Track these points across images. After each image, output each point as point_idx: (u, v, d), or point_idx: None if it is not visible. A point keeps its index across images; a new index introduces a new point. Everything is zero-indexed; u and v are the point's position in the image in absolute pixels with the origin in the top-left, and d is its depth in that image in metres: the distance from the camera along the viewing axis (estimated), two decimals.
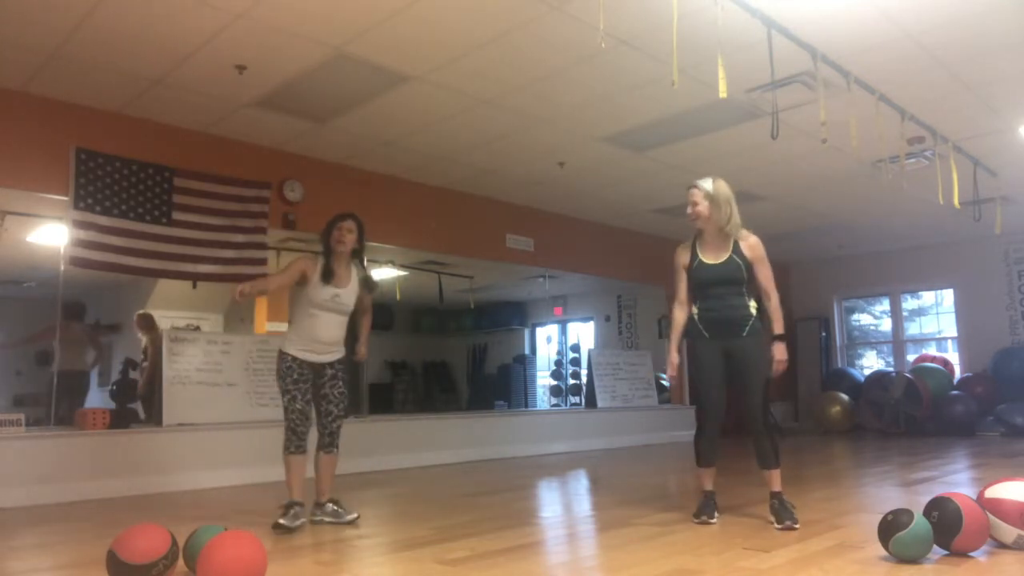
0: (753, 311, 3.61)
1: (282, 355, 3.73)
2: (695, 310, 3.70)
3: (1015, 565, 2.65)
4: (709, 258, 3.66)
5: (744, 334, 3.58)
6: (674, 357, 3.74)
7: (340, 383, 3.83)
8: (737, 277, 3.61)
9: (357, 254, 3.90)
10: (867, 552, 2.84)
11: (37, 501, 4.60)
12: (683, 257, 3.75)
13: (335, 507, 3.73)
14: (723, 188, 3.64)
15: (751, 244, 3.65)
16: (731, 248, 3.64)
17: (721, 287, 3.63)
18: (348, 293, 3.81)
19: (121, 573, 2.44)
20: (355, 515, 3.70)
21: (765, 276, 3.65)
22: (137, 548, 2.45)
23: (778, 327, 3.60)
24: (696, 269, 3.68)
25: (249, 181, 5.92)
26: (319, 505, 3.75)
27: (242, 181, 5.88)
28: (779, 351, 3.57)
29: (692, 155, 6.59)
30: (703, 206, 3.63)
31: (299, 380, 3.71)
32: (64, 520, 4.09)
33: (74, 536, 3.63)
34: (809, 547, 2.96)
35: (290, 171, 6.26)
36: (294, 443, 3.66)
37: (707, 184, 3.64)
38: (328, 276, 3.74)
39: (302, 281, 3.74)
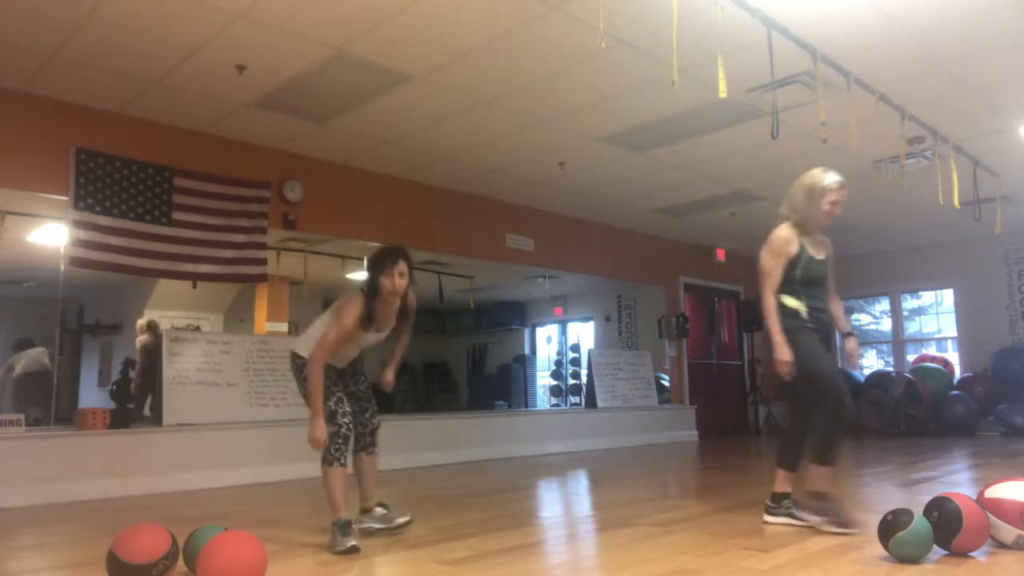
0: None
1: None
2: (801, 305, 3.42)
3: (1015, 565, 2.65)
4: (817, 253, 3.49)
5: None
6: (788, 349, 3.34)
7: (363, 376, 3.59)
8: (827, 278, 3.54)
9: (405, 296, 3.45)
10: (867, 552, 2.84)
11: (37, 501, 4.60)
12: (792, 244, 3.46)
13: (384, 510, 3.40)
14: None
15: (829, 244, 3.58)
16: (829, 246, 3.56)
17: (823, 287, 3.51)
18: (387, 330, 3.49)
19: (121, 573, 2.44)
20: (407, 518, 3.37)
21: (834, 277, 3.62)
22: (137, 548, 2.45)
23: (849, 325, 3.69)
24: (808, 263, 3.44)
25: (249, 181, 5.92)
26: (365, 511, 3.43)
27: (242, 181, 5.88)
28: (854, 344, 3.60)
29: (692, 155, 6.59)
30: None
31: (337, 380, 3.37)
32: (64, 520, 4.08)
33: (74, 536, 3.63)
34: (809, 547, 2.96)
35: (290, 171, 6.26)
36: (344, 453, 3.21)
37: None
38: (371, 322, 3.32)
39: None
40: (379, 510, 3.42)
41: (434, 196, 7.33)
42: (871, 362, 11.84)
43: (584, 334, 11.92)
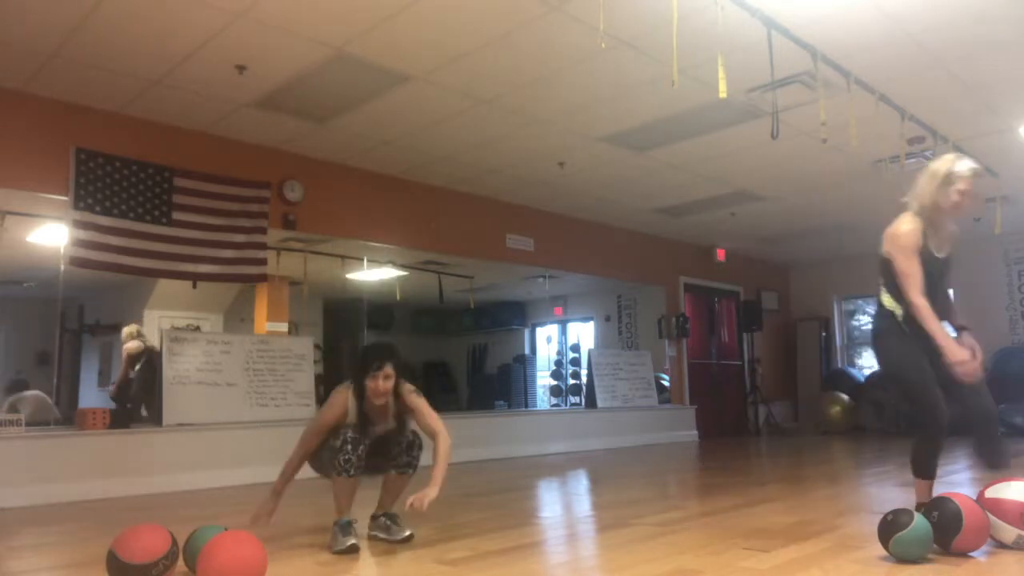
0: None
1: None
2: (898, 307, 3.17)
3: (1015, 565, 2.65)
4: (939, 250, 3.19)
5: None
6: (959, 349, 3.00)
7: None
8: (944, 277, 3.20)
9: (396, 389, 3.22)
10: (867, 552, 2.84)
11: (37, 501, 4.60)
12: (919, 237, 3.12)
13: (389, 522, 3.24)
14: None
15: (955, 232, 3.25)
16: (950, 241, 3.20)
17: (936, 286, 3.16)
18: (388, 427, 3.27)
19: (121, 573, 2.44)
20: (409, 532, 3.20)
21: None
22: (137, 548, 2.45)
23: (960, 318, 3.29)
24: (926, 260, 3.12)
25: (249, 181, 5.92)
26: (374, 518, 3.31)
27: (242, 181, 5.88)
28: (969, 338, 3.19)
29: (692, 155, 6.59)
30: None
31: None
32: (64, 520, 4.09)
33: (74, 536, 3.63)
34: (809, 547, 2.96)
35: (290, 171, 6.26)
36: (351, 464, 3.07)
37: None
38: (365, 427, 3.17)
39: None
40: (384, 520, 3.26)
41: (434, 196, 7.33)
42: (871, 362, 11.83)
43: (584, 334, 11.91)
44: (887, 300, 3.23)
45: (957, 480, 5.14)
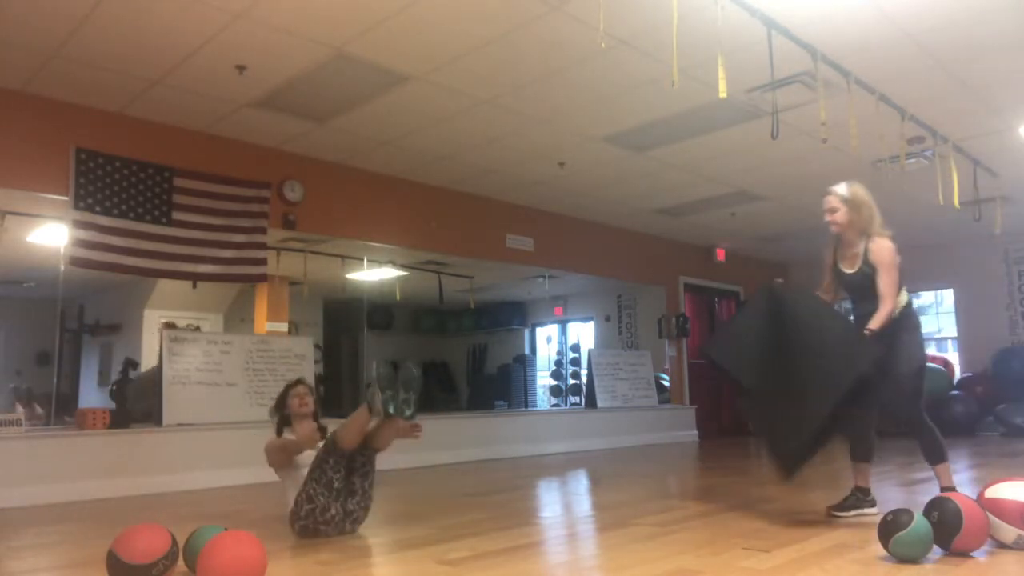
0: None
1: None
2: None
3: (1015, 565, 2.65)
4: (845, 266, 3.72)
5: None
6: None
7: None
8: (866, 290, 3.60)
9: (315, 416, 3.84)
10: (867, 552, 2.84)
11: (37, 501, 4.60)
12: (827, 256, 3.80)
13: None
14: (861, 192, 3.62)
15: (875, 248, 3.62)
16: (862, 257, 3.63)
17: (855, 295, 3.70)
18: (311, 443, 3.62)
19: (121, 573, 2.44)
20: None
21: (883, 283, 3.60)
22: (137, 548, 2.46)
23: (873, 323, 3.53)
24: (836, 275, 3.77)
25: (249, 181, 5.92)
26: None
27: (242, 181, 5.89)
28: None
29: (692, 155, 6.59)
30: (841, 212, 3.59)
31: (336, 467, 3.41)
32: (64, 520, 4.09)
33: (74, 536, 3.63)
34: (809, 547, 2.96)
35: (290, 171, 6.26)
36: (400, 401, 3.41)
37: (842, 189, 3.61)
38: (294, 440, 3.63)
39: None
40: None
41: (434, 196, 7.33)
42: None
43: (584, 334, 11.91)
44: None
45: (957, 480, 5.13)
